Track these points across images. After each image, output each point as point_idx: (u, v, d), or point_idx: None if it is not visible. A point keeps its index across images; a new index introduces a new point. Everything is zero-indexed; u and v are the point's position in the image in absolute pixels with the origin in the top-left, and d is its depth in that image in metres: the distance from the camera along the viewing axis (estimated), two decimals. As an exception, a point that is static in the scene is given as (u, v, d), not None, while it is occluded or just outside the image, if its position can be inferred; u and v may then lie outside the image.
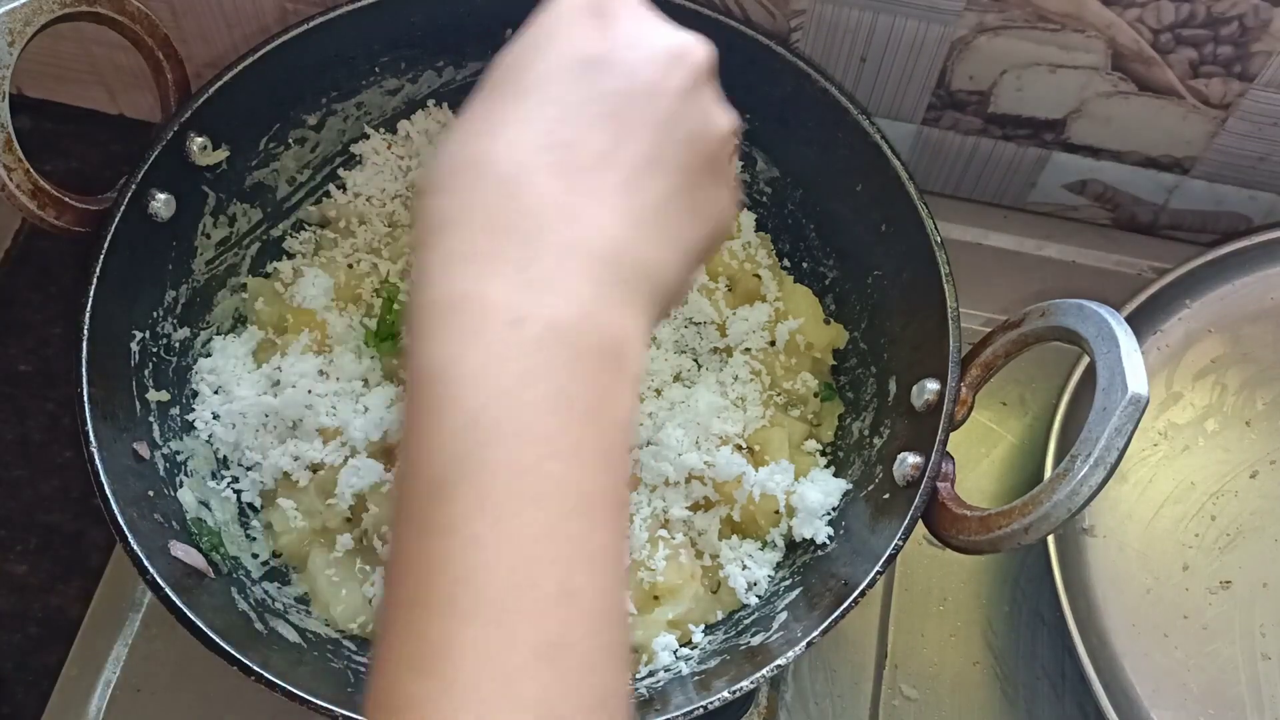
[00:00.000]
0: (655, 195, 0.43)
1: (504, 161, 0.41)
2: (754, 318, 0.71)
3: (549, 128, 0.42)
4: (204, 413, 0.68)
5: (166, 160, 0.65)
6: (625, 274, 0.41)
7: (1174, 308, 0.78)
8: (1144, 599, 0.72)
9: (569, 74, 0.43)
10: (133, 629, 0.71)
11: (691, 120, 0.45)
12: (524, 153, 0.41)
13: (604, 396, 0.39)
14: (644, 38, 0.45)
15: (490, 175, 0.41)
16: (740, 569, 0.66)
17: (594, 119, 0.42)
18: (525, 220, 0.40)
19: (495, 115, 0.43)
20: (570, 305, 0.39)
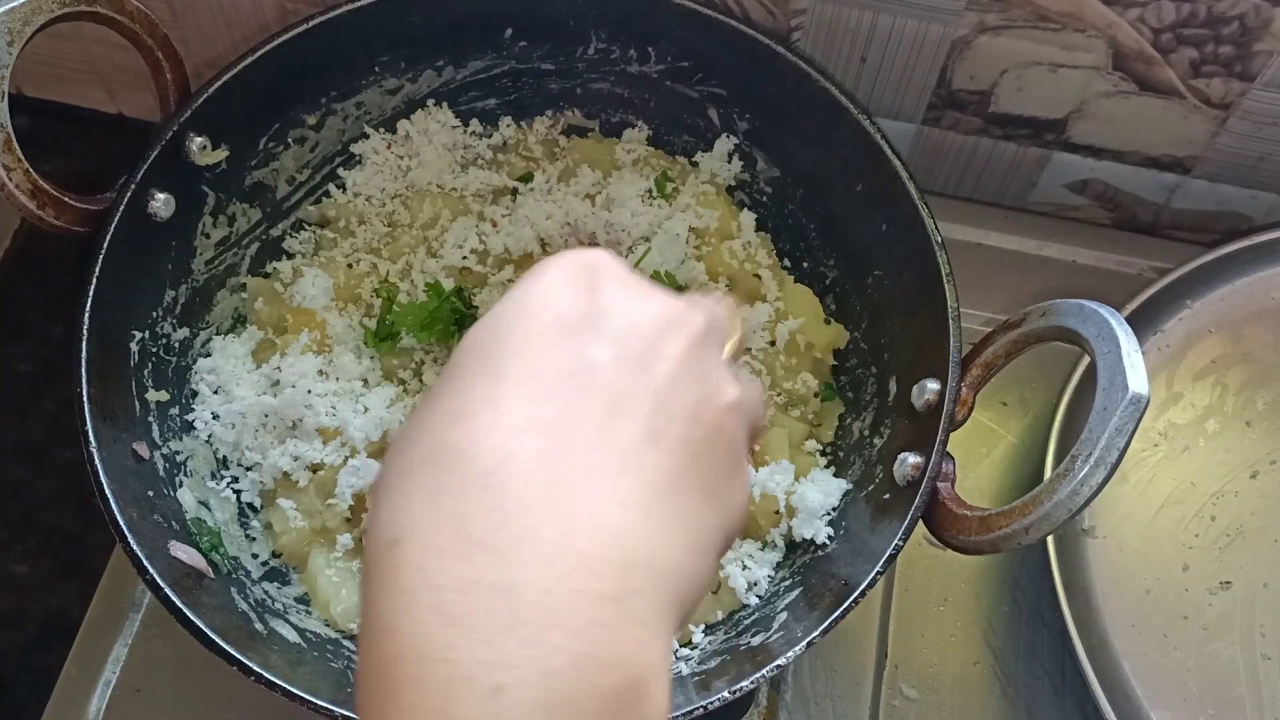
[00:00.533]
0: (662, 477, 0.36)
1: (476, 451, 0.34)
2: (754, 318, 0.71)
3: (530, 408, 0.35)
4: (204, 413, 0.68)
5: (166, 160, 0.65)
6: (635, 582, 0.33)
7: (1174, 308, 0.78)
8: (1144, 599, 0.72)
9: (551, 344, 0.37)
10: (133, 629, 0.71)
11: (695, 390, 0.38)
12: (500, 438, 0.34)
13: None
14: (635, 304, 0.39)
15: (459, 470, 0.33)
16: (740, 569, 0.66)
17: (582, 393, 0.36)
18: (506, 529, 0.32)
19: (461, 396, 0.35)
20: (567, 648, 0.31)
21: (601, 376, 0.36)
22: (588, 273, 0.39)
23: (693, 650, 0.65)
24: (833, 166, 0.71)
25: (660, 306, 0.39)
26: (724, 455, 0.39)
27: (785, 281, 0.74)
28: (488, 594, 0.31)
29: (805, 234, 0.75)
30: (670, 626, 0.34)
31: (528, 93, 0.77)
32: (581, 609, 0.31)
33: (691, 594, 0.36)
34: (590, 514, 0.33)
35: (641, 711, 0.32)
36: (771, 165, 0.76)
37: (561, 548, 0.32)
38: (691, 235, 0.73)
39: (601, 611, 0.31)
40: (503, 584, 0.31)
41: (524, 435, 0.34)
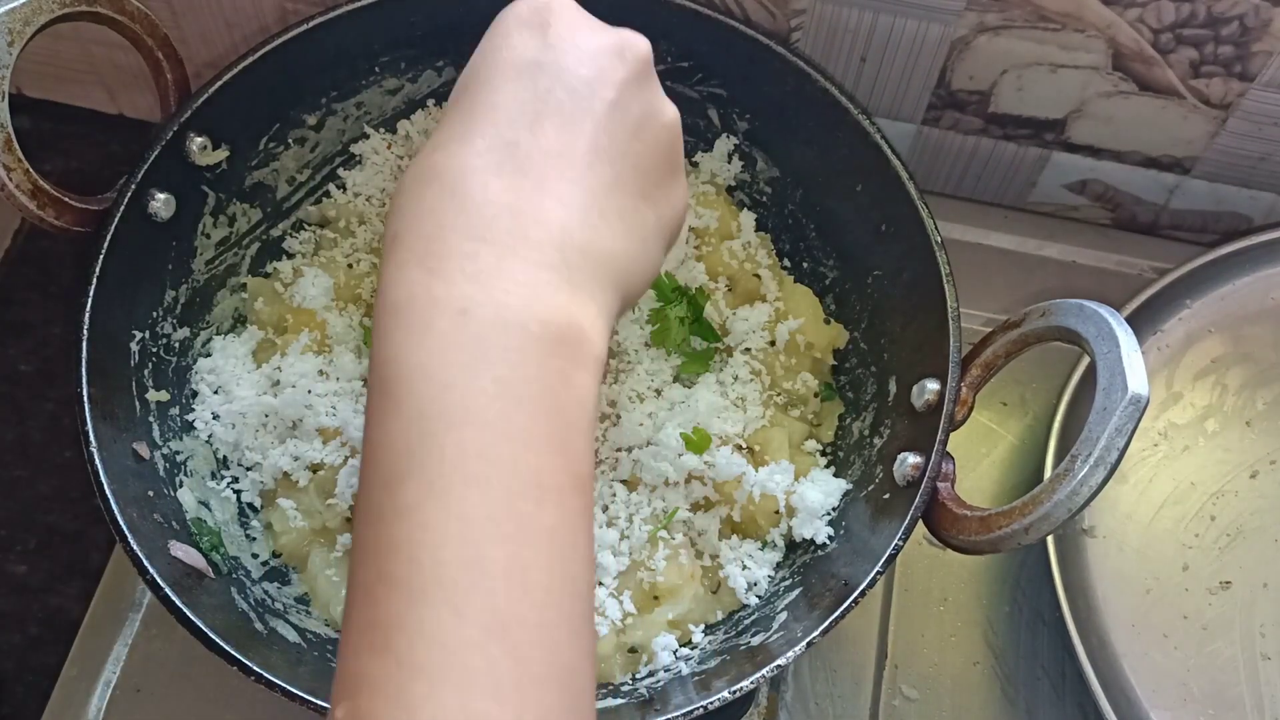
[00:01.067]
0: (603, 183, 0.45)
1: (449, 169, 0.43)
2: (754, 318, 0.71)
3: (492, 132, 0.44)
4: (204, 413, 0.68)
5: (166, 160, 0.65)
6: (575, 259, 0.43)
7: (1174, 308, 0.78)
8: (1144, 599, 0.72)
9: (509, 80, 0.45)
10: (133, 629, 0.71)
11: (635, 110, 0.47)
12: (468, 158, 0.44)
13: (557, 380, 0.41)
14: (581, 38, 0.47)
15: (436, 183, 0.43)
16: (740, 569, 0.66)
17: (536, 118, 0.45)
18: (471, 219, 0.42)
19: (444, 131, 0.45)
20: (517, 293, 0.41)
21: (553, 102, 0.45)
22: (539, 13, 0.47)
23: (693, 650, 0.65)
24: (833, 166, 0.71)
25: (606, 37, 0.48)
26: (662, 164, 0.48)
27: (785, 281, 0.74)
28: (457, 258, 0.41)
29: (805, 234, 0.75)
30: (606, 298, 0.44)
31: (528, 93, 0.77)
32: (528, 273, 0.42)
33: (631, 276, 0.46)
34: (538, 210, 0.43)
35: (580, 345, 0.42)
36: (771, 165, 0.76)
37: (514, 233, 0.42)
38: (691, 235, 0.73)
39: (543, 275, 0.42)
40: (469, 252, 0.42)
41: (486, 154, 0.44)
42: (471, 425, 0.39)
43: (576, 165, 0.44)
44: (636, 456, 0.67)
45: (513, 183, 0.43)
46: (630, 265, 0.46)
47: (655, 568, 0.65)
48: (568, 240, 0.43)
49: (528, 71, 0.46)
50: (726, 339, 0.72)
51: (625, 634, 0.64)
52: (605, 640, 0.63)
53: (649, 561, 0.65)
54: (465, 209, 0.43)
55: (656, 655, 0.63)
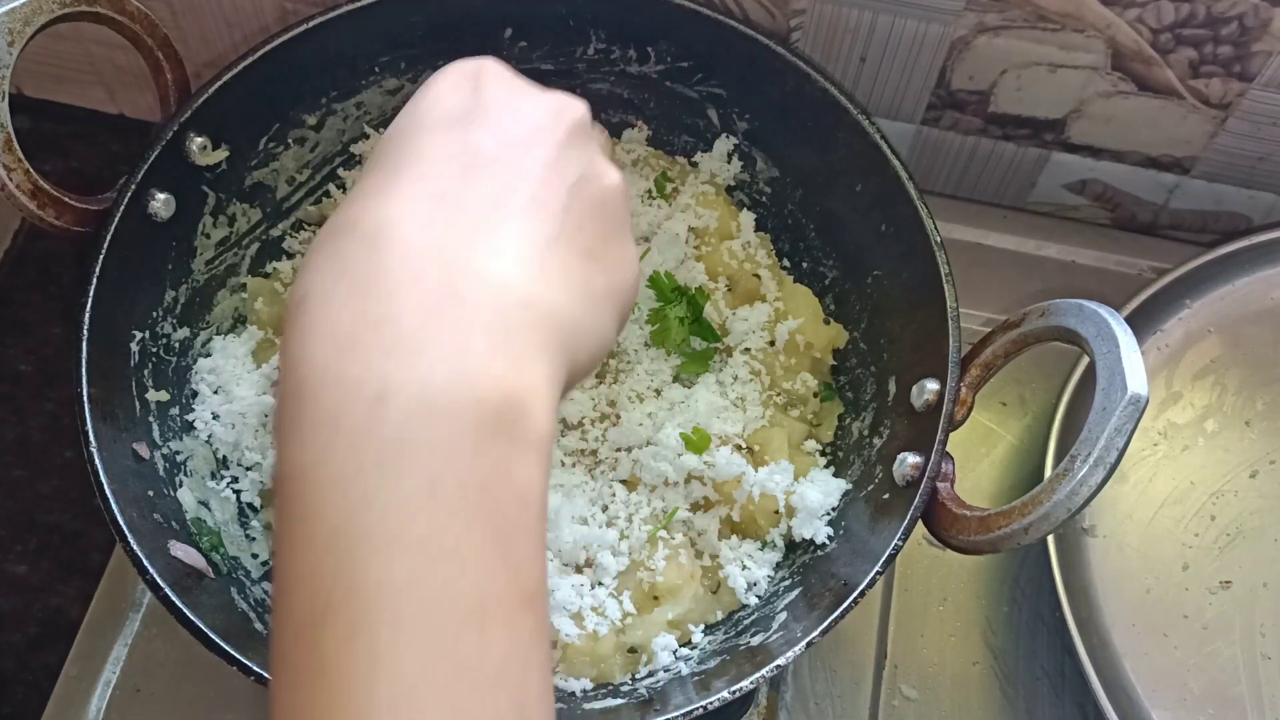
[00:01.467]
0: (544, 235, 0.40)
1: (368, 221, 0.38)
2: (754, 318, 0.71)
3: (419, 183, 0.39)
4: (204, 413, 0.68)
5: (166, 160, 0.65)
6: (515, 316, 0.37)
7: (1174, 308, 0.78)
8: (1144, 599, 0.72)
9: (438, 134, 0.41)
10: (133, 629, 0.71)
11: (573, 169, 0.42)
12: (390, 209, 0.38)
13: (495, 475, 0.34)
14: (514, 97, 0.44)
15: (353, 237, 0.38)
16: (740, 569, 0.66)
17: (466, 169, 0.40)
18: (391, 277, 0.36)
19: (364, 185, 0.40)
20: (444, 366, 0.35)
21: (486, 155, 0.40)
22: (472, 77, 0.44)
23: (693, 650, 0.65)
24: (832, 166, 0.71)
25: (540, 98, 0.44)
26: (607, 226, 0.43)
27: (784, 281, 0.74)
28: (373, 326, 0.35)
29: (804, 234, 0.75)
30: (554, 364, 0.38)
31: (527, 93, 0.77)
32: (456, 336, 0.35)
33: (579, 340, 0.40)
34: (469, 264, 0.37)
35: (522, 425, 0.35)
36: (771, 165, 0.76)
37: (440, 290, 0.36)
38: (691, 235, 0.73)
39: (475, 339, 0.35)
40: (387, 317, 0.35)
41: (411, 204, 0.38)
42: (396, 548, 0.33)
43: (513, 216, 0.39)
44: (636, 456, 0.67)
45: (441, 234, 0.37)
46: (578, 327, 0.40)
47: (655, 568, 0.65)
48: (506, 294, 0.37)
49: (458, 125, 0.41)
50: (726, 339, 0.72)
51: (625, 634, 0.64)
52: (605, 640, 0.63)
53: (649, 561, 0.65)
54: (385, 265, 0.36)
55: (656, 655, 0.64)
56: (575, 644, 0.63)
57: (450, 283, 0.36)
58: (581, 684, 0.63)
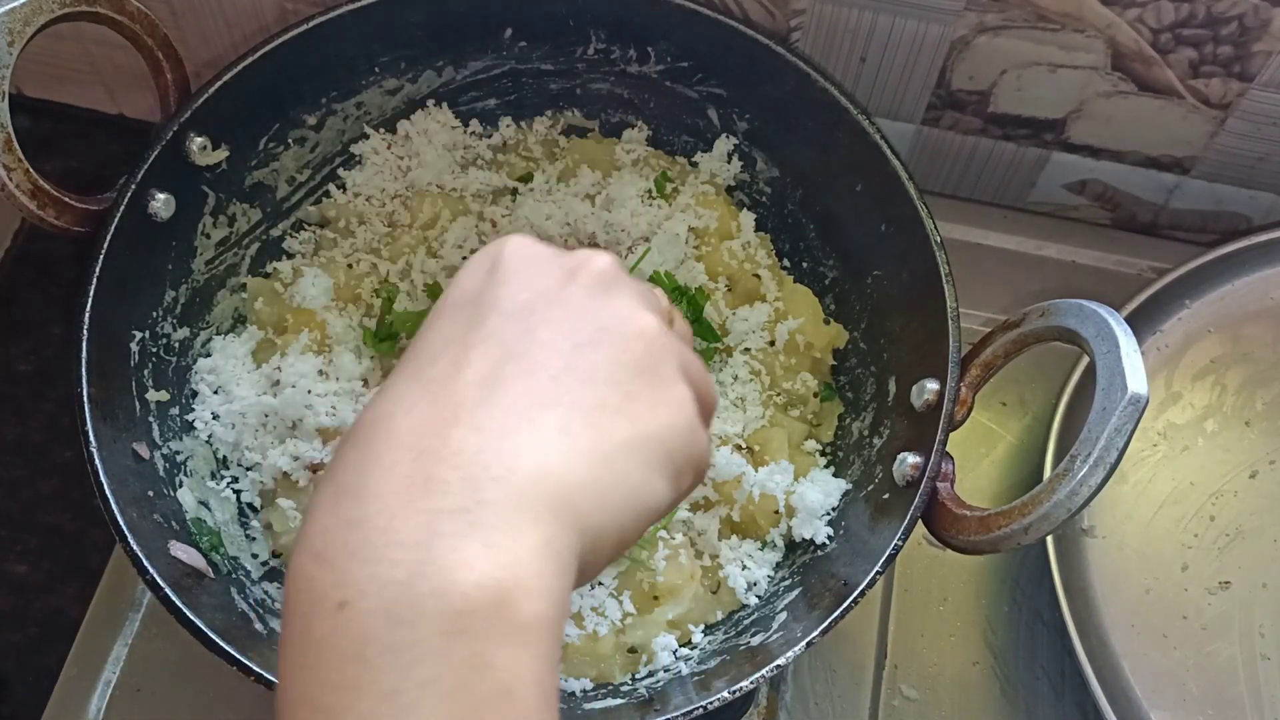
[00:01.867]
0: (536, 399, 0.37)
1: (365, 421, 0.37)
2: (754, 318, 0.71)
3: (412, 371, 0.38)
4: (204, 413, 0.68)
5: (166, 160, 0.65)
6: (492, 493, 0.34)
7: (1174, 308, 0.78)
8: (1143, 599, 0.72)
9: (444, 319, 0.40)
10: (133, 629, 0.71)
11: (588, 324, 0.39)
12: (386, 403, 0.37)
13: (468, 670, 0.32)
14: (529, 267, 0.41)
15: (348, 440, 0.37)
16: (740, 569, 0.66)
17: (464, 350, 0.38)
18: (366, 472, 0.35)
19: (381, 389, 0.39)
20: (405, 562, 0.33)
21: (485, 331, 0.38)
22: (491, 256, 0.42)
23: (693, 650, 0.65)
24: (832, 166, 0.71)
25: (557, 260, 0.42)
26: (633, 374, 0.39)
27: (785, 281, 0.74)
28: (342, 530, 0.34)
29: (805, 234, 0.75)
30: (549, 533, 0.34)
31: (527, 93, 0.77)
32: (422, 526, 0.33)
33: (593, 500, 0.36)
34: (444, 443, 0.35)
35: (504, 612, 0.32)
36: (771, 165, 0.76)
37: (411, 478, 0.34)
38: (691, 235, 0.73)
39: (443, 524, 0.33)
40: (355, 520, 0.34)
41: (403, 397, 0.37)
42: None
43: (502, 387, 0.37)
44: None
45: (422, 420, 0.36)
46: (587, 488, 0.36)
47: (655, 568, 0.65)
48: (482, 472, 0.34)
49: (465, 307, 0.40)
50: (726, 339, 0.72)
51: (625, 634, 0.64)
52: (605, 640, 0.63)
53: (649, 561, 0.65)
54: (362, 462, 0.35)
55: (656, 655, 0.64)
56: (575, 644, 0.63)
57: (423, 469, 0.34)
58: (581, 684, 0.63)
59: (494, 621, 0.32)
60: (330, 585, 0.33)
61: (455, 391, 0.37)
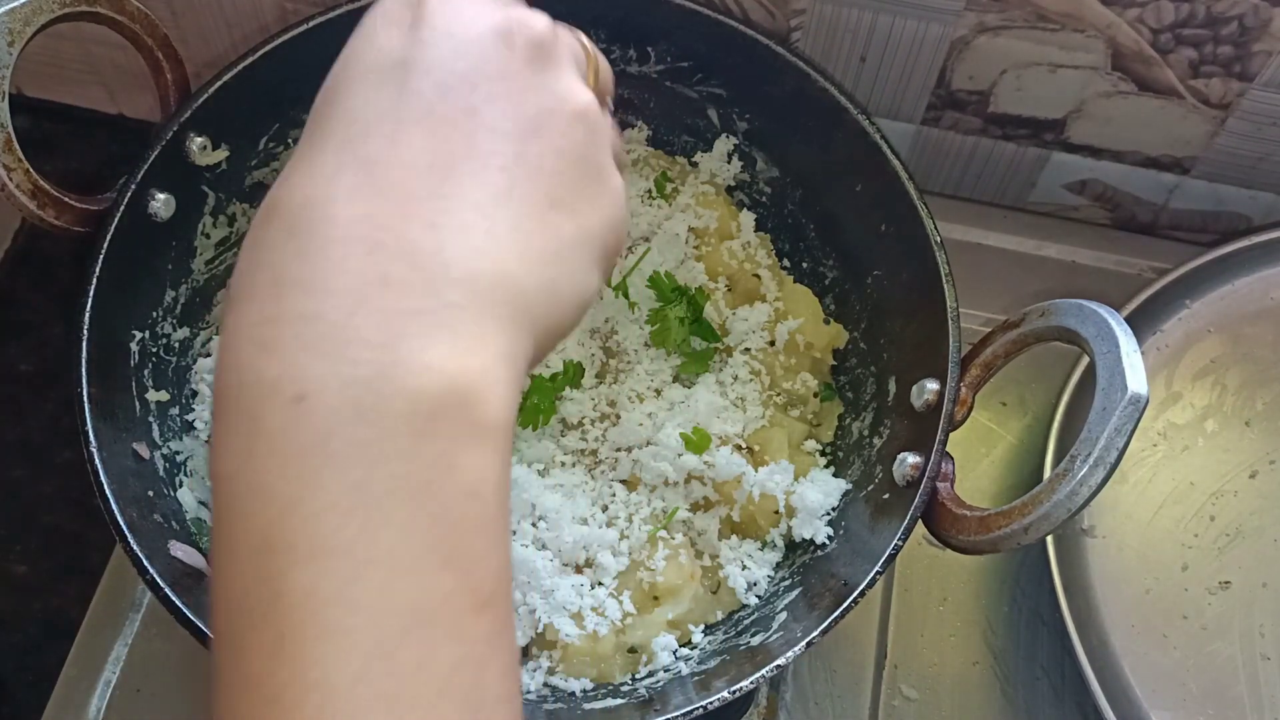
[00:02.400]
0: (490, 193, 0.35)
1: (291, 202, 0.35)
2: (754, 318, 0.71)
3: (344, 149, 0.35)
4: (204, 413, 0.68)
5: (166, 160, 0.65)
6: (454, 295, 0.33)
7: (1174, 308, 0.78)
8: (1143, 599, 0.72)
9: (369, 86, 0.36)
10: (133, 629, 0.71)
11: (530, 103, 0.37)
12: (314, 185, 0.35)
13: (435, 471, 0.32)
14: (458, 25, 0.38)
15: (275, 222, 0.35)
16: (740, 569, 0.66)
17: (398, 125, 0.35)
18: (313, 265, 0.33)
19: (298, 153, 0.36)
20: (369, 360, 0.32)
21: (421, 105, 0.36)
22: (409, 4, 0.38)
23: (692, 650, 0.65)
24: (832, 166, 0.71)
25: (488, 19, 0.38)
26: (575, 163, 0.38)
27: (785, 281, 0.74)
28: (294, 322, 0.32)
29: (805, 234, 0.75)
30: (509, 337, 0.34)
31: (527, 93, 0.77)
32: (385, 326, 0.32)
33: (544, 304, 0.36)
34: (400, 239, 0.33)
35: (469, 413, 0.32)
36: (771, 165, 0.76)
37: (367, 275, 0.33)
38: (691, 235, 0.73)
39: (408, 325, 0.32)
40: (308, 313, 0.32)
41: (336, 177, 0.34)
42: (322, 558, 0.31)
43: (453, 177, 0.35)
44: (636, 456, 0.67)
45: (368, 209, 0.34)
46: (540, 290, 0.36)
47: (655, 568, 0.65)
48: (443, 272, 0.33)
49: (391, 73, 0.36)
50: (726, 339, 0.72)
51: (625, 634, 0.64)
52: (605, 640, 0.63)
53: (649, 561, 0.65)
54: (306, 252, 0.33)
55: (656, 655, 0.64)
56: (575, 644, 0.63)
57: (379, 266, 0.33)
58: (581, 684, 0.63)
59: (460, 423, 0.32)
60: (283, 379, 0.32)
61: (400, 178, 0.34)
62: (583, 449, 0.68)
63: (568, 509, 0.65)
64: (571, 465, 0.68)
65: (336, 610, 0.30)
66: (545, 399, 0.67)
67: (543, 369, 0.68)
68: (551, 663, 0.63)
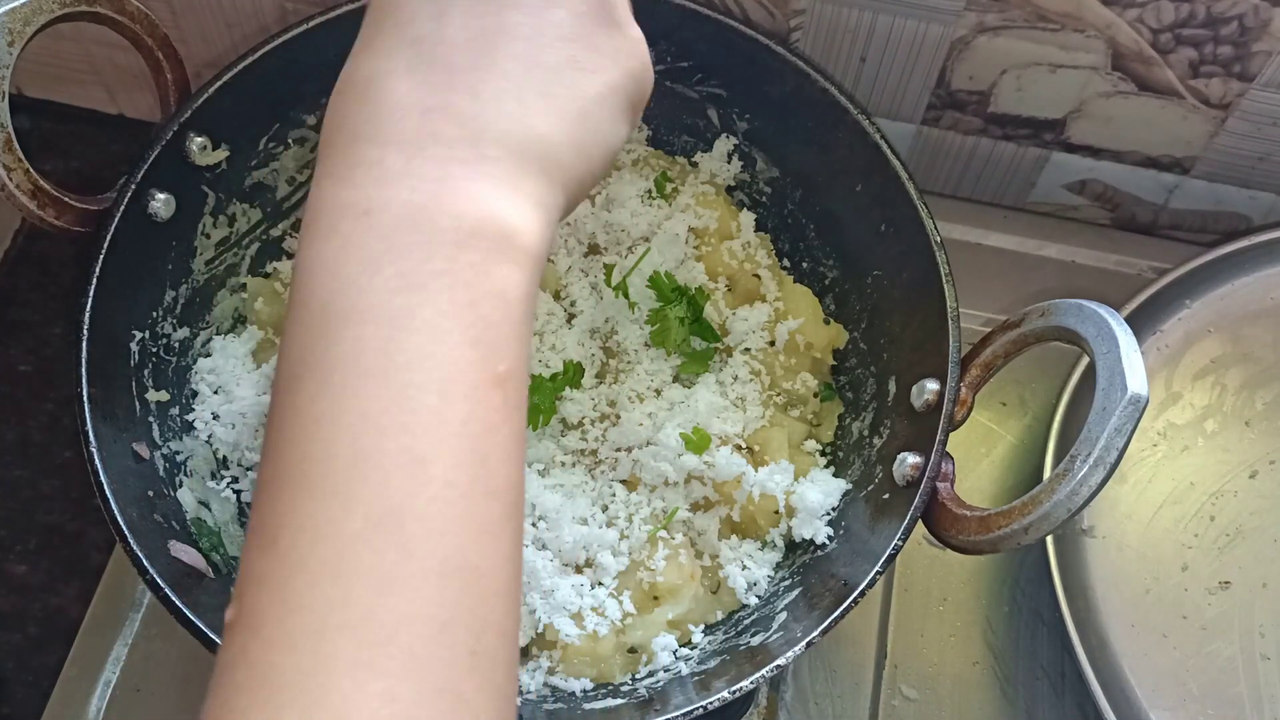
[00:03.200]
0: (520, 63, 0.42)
1: (359, 77, 0.43)
2: (754, 318, 0.71)
3: (395, 32, 0.43)
4: (204, 413, 0.68)
5: (166, 160, 0.65)
6: (493, 151, 0.41)
7: (1174, 308, 0.78)
8: (1143, 599, 0.72)
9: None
10: (133, 629, 0.71)
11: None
12: (375, 61, 0.43)
13: (472, 274, 0.39)
14: None
15: (348, 93, 0.43)
16: (740, 569, 0.66)
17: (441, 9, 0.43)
18: (379, 125, 0.41)
19: (358, 42, 0.44)
20: (424, 189, 0.40)
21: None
22: None
23: (693, 650, 0.65)
24: (832, 166, 0.71)
25: None
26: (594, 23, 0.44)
27: (785, 281, 0.74)
28: (364, 165, 0.40)
29: (804, 234, 0.75)
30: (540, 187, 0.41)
31: (527, 93, 0.77)
32: (437, 169, 0.40)
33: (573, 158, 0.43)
34: (447, 105, 0.41)
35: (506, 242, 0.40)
36: (771, 165, 0.76)
37: (422, 132, 0.40)
38: (691, 235, 0.73)
39: (455, 169, 0.40)
40: (375, 159, 0.40)
41: (392, 55, 0.42)
42: (371, 321, 0.38)
43: (488, 50, 0.42)
44: (636, 456, 0.67)
45: (420, 80, 0.41)
46: (569, 146, 0.43)
47: (655, 568, 0.65)
48: (483, 132, 0.41)
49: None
50: (726, 339, 0.72)
51: (625, 634, 0.64)
52: (605, 640, 0.63)
53: (649, 561, 0.65)
54: (373, 116, 0.41)
55: (656, 655, 0.63)
56: (575, 644, 0.63)
57: (430, 126, 0.41)
58: (581, 684, 0.63)
59: (498, 242, 0.39)
60: (356, 200, 0.39)
61: (444, 53, 0.42)
62: (583, 449, 0.68)
63: (568, 509, 0.65)
64: (571, 465, 0.68)
65: (376, 359, 0.37)
66: (545, 399, 0.67)
67: (543, 369, 0.68)
68: (551, 663, 0.63)
